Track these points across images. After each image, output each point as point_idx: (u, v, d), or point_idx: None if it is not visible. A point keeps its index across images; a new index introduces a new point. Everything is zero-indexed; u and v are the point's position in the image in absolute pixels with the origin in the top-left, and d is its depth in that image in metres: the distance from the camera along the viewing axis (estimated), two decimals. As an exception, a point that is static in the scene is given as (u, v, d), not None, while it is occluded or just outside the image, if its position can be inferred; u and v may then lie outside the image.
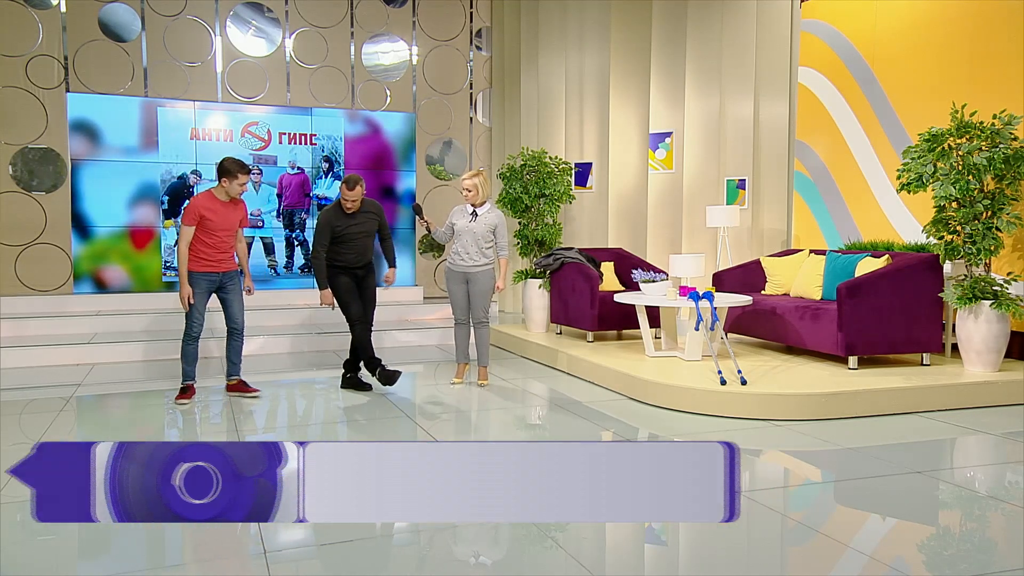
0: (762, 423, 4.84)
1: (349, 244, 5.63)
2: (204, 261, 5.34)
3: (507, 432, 4.83)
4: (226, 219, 5.37)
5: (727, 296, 6.21)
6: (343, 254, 5.64)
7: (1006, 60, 6.03)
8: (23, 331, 7.60)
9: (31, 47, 8.60)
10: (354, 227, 5.62)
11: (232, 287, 5.51)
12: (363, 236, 5.68)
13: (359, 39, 9.84)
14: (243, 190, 5.39)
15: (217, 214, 5.32)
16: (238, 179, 5.30)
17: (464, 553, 2.98)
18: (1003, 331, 5.43)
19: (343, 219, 5.60)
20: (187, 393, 5.44)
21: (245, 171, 5.35)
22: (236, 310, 5.54)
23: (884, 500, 3.53)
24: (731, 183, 8.32)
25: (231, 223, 5.41)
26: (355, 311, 5.69)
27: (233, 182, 5.30)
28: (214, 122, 9.00)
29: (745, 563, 2.92)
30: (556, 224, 8.15)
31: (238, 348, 5.61)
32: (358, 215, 5.64)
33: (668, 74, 8.64)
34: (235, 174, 5.28)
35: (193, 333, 5.41)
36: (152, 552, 3.03)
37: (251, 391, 5.58)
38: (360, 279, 5.76)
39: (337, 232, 5.59)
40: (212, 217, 5.29)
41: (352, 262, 5.67)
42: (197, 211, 5.26)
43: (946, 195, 5.45)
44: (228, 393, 5.61)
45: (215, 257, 5.36)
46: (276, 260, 9.32)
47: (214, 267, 5.37)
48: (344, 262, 5.66)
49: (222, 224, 5.34)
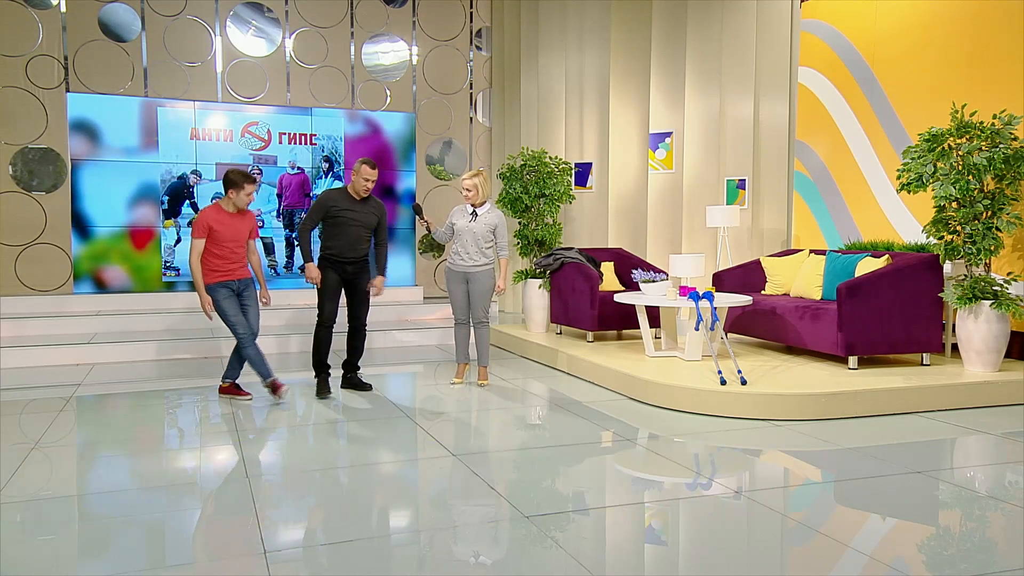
0: (762, 423, 4.84)
1: (342, 229, 5.50)
2: (217, 272, 5.34)
3: (507, 432, 4.83)
4: (235, 230, 5.37)
5: (727, 296, 6.21)
6: (333, 241, 5.52)
7: (1006, 60, 6.03)
8: (23, 331, 7.60)
9: (31, 47, 8.60)
10: (352, 213, 5.51)
11: (249, 294, 5.51)
12: (358, 226, 5.55)
13: (359, 39, 9.84)
14: (250, 200, 5.39)
15: (225, 226, 5.33)
16: (244, 189, 5.30)
17: (464, 553, 2.98)
18: (1003, 331, 5.43)
19: (345, 201, 5.51)
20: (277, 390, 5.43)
21: (250, 181, 5.35)
22: (252, 316, 5.52)
23: (884, 500, 3.53)
24: (731, 183, 8.32)
25: (240, 234, 5.41)
26: (328, 313, 5.60)
27: (240, 193, 5.30)
28: (214, 122, 9.00)
29: (745, 563, 2.92)
30: (556, 224, 8.15)
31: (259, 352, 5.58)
32: (361, 204, 5.55)
33: (668, 74, 8.64)
34: (241, 185, 5.29)
35: (243, 337, 5.37)
36: (152, 552, 3.03)
37: (243, 394, 5.56)
38: (351, 277, 5.65)
39: (333, 213, 5.47)
40: (220, 229, 5.30)
41: (342, 252, 5.54)
42: (206, 223, 5.27)
43: (946, 195, 5.45)
44: (219, 395, 5.60)
45: (226, 267, 5.36)
46: (276, 260, 9.33)
47: (228, 276, 5.38)
48: (334, 251, 5.53)
49: (231, 236, 5.35)
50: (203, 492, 3.73)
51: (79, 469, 4.14)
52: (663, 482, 3.92)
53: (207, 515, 3.47)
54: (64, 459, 4.29)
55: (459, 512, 3.43)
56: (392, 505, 3.58)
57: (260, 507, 3.42)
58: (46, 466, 4.06)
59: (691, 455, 4.31)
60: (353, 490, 3.78)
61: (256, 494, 3.59)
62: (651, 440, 4.62)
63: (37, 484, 3.76)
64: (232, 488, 3.74)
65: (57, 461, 4.20)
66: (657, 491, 3.83)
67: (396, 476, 4.01)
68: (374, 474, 4.01)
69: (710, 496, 3.63)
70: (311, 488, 3.76)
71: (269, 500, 3.53)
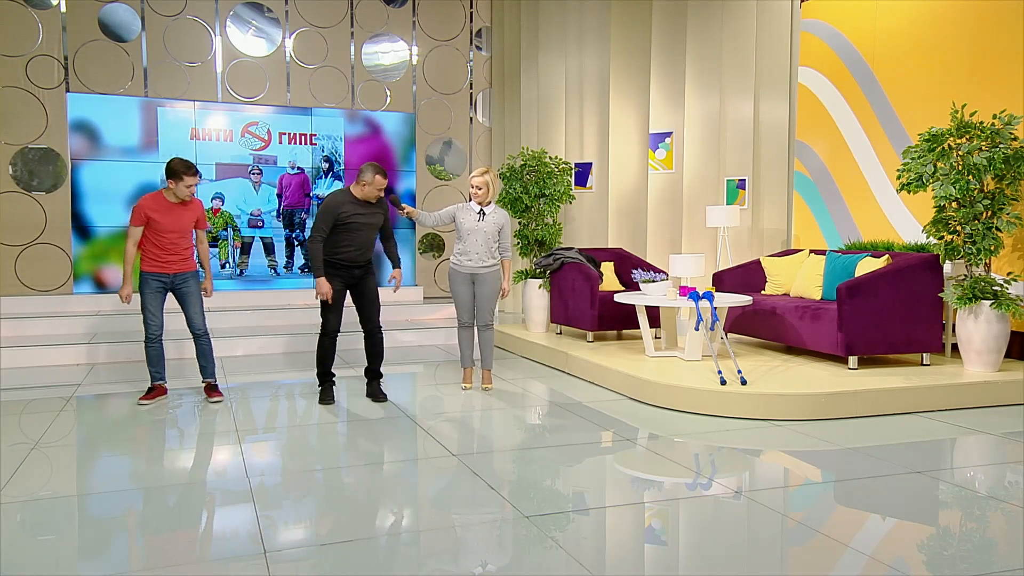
0: (762, 423, 4.84)
1: (352, 235, 5.30)
2: (153, 261, 5.28)
3: (507, 432, 4.83)
4: (175, 221, 5.27)
5: (727, 296, 6.21)
6: (343, 247, 5.30)
7: (1006, 60, 6.03)
8: (23, 331, 7.60)
9: (31, 47, 8.60)
10: (362, 217, 5.30)
11: (186, 289, 5.41)
12: (368, 228, 5.36)
13: (359, 39, 9.84)
14: (191, 192, 5.26)
15: (165, 216, 5.22)
16: (184, 181, 5.19)
17: (464, 553, 2.98)
18: (1003, 331, 5.43)
19: (352, 205, 5.28)
20: (151, 393, 5.42)
21: (192, 172, 5.23)
22: (192, 313, 5.44)
23: (884, 500, 3.53)
24: (731, 183, 8.32)
25: (181, 225, 5.30)
26: (333, 323, 5.41)
27: (179, 184, 5.19)
28: (214, 122, 9.00)
29: (745, 563, 2.92)
30: (556, 224, 8.15)
31: (204, 351, 5.54)
32: (369, 206, 5.35)
33: (668, 74, 8.64)
34: (181, 175, 5.18)
35: (151, 334, 5.35)
36: (152, 552, 3.03)
37: (214, 396, 5.49)
38: (358, 280, 5.45)
39: (342, 219, 5.24)
40: (159, 219, 5.20)
41: (352, 258, 5.35)
42: (143, 212, 5.20)
43: (946, 195, 5.45)
44: (207, 396, 5.54)
45: (163, 258, 5.28)
46: (276, 260, 9.33)
47: (163, 268, 5.30)
48: (344, 257, 5.32)
49: (171, 226, 5.25)
50: (203, 492, 3.73)
51: (79, 469, 4.14)
52: (663, 482, 3.92)
53: (207, 515, 3.47)
54: (64, 459, 4.29)
55: (459, 512, 3.43)
56: (392, 505, 3.58)
57: (260, 507, 3.42)
58: (46, 466, 4.06)
59: (691, 455, 4.31)
60: (353, 490, 3.78)
61: (256, 494, 3.59)
62: (651, 440, 4.62)
63: (37, 484, 3.75)
64: (232, 488, 3.74)
65: (57, 461, 4.20)
66: (657, 491, 3.83)
67: (396, 476, 4.01)
68: (374, 474, 4.01)
69: (710, 496, 3.63)
70: (311, 488, 3.75)
71: (269, 500, 3.53)
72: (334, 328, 5.44)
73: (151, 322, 5.33)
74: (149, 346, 5.40)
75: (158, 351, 5.44)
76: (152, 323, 5.33)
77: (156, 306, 5.33)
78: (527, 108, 9.74)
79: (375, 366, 5.64)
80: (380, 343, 5.63)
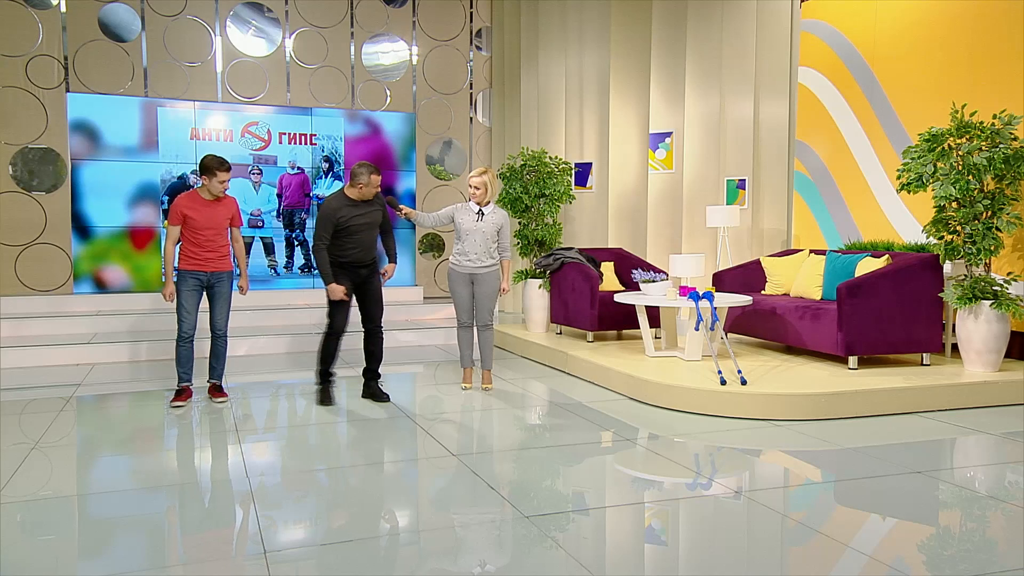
0: (762, 423, 4.84)
1: (354, 237, 5.31)
2: (191, 259, 5.29)
3: (507, 432, 4.83)
4: (211, 218, 5.28)
5: (727, 296, 6.21)
6: (347, 249, 5.32)
7: (1006, 60, 6.03)
8: (23, 331, 7.60)
9: (31, 47, 8.60)
10: (360, 217, 5.30)
11: (219, 289, 5.40)
12: (368, 228, 5.37)
13: (359, 39, 9.84)
14: (225, 187, 5.28)
15: (200, 213, 5.24)
16: (217, 176, 5.20)
17: (464, 553, 2.98)
18: (1003, 331, 5.43)
19: (349, 208, 5.28)
20: (182, 396, 5.37)
21: (225, 168, 5.23)
22: (218, 313, 5.44)
23: (884, 500, 3.53)
24: (731, 183, 8.32)
25: (217, 222, 5.32)
26: (340, 322, 5.41)
27: (213, 180, 5.21)
28: (214, 122, 9.00)
29: (745, 563, 2.92)
30: (556, 224, 8.15)
31: (219, 352, 5.52)
32: (366, 204, 5.34)
33: (668, 74, 8.64)
34: (214, 171, 5.19)
35: (184, 333, 5.33)
36: (152, 552, 3.03)
37: (218, 396, 5.50)
38: (364, 280, 5.47)
39: (342, 223, 5.25)
40: (195, 216, 5.22)
41: (356, 258, 5.36)
42: (179, 210, 5.22)
43: (946, 195, 5.45)
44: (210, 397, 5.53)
45: (201, 256, 5.29)
46: (276, 260, 9.32)
47: (200, 266, 5.31)
48: (348, 259, 5.34)
49: (207, 223, 5.27)
50: (203, 492, 3.73)
51: (79, 469, 4.14)
52: (663, 482, 3.92)
53: (207, 515, 3.46)
54: (64, 459, 4.29)
55: (459, 512, 3.43)
56: (392, 505, 3.58)
57: (260, 507, 3.42)
58: (46, 466, 4.06)
59: (691, 455, 4.31)
60: (353, 490, 3.78)
61: (256, 494, 3.59)
62: (651, 440, 4.62)
63: (37, 484, 3.75)
64: (232, 488, 3.74)
65: (57, 461, 4.20)
66: (657, 491, 3.83)
67: (396, 476, 4.01)
68: (374, 474, 4.01)
69: (710, 496, 3.63)
70: (311, 488, 3.75)
71: (269, 500, 3.53)
72: (341, 327, 5.45)
73: (185, 320, 5.32)
74: (181, 345, 5.38)
75: (189, 351, 5.40)
76: (186, 321, 5.32)
77: (192, 304, 5.33)
78: (527, 108, 9.74)
79: (374, 366, 5.65)
80: (380, 343, 5.64)
